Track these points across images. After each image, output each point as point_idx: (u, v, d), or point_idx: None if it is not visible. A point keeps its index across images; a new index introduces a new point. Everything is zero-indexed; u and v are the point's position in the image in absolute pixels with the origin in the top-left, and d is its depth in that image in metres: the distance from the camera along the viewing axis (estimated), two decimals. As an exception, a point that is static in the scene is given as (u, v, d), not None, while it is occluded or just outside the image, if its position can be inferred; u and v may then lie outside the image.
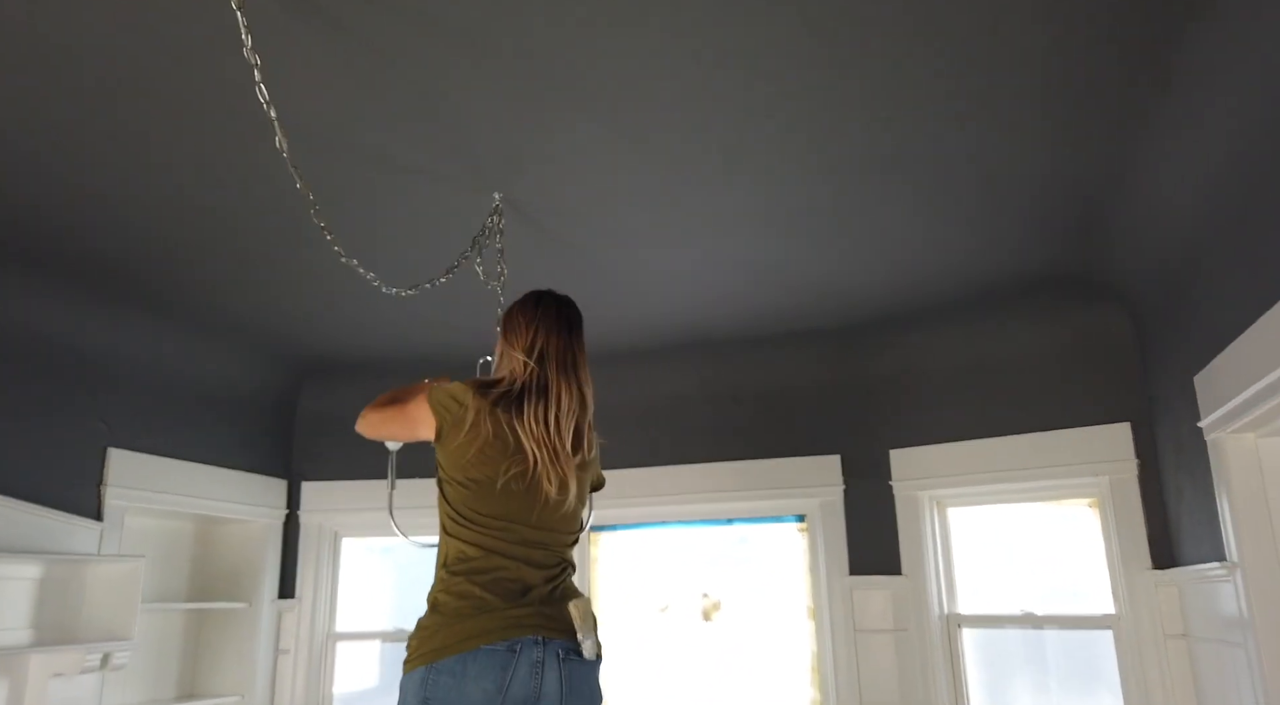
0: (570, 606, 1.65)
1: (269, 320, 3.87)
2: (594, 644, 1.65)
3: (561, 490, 1.68)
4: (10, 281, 3.08)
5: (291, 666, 4.30)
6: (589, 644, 1.64)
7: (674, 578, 4.37)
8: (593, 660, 1.67)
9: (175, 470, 3.78)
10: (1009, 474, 3.69)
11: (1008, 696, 3.67)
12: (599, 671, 1.70)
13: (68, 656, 2.98)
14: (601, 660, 1.71)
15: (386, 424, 1.83)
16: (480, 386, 1.72)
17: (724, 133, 2.32)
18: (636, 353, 4.31)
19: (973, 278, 3.46)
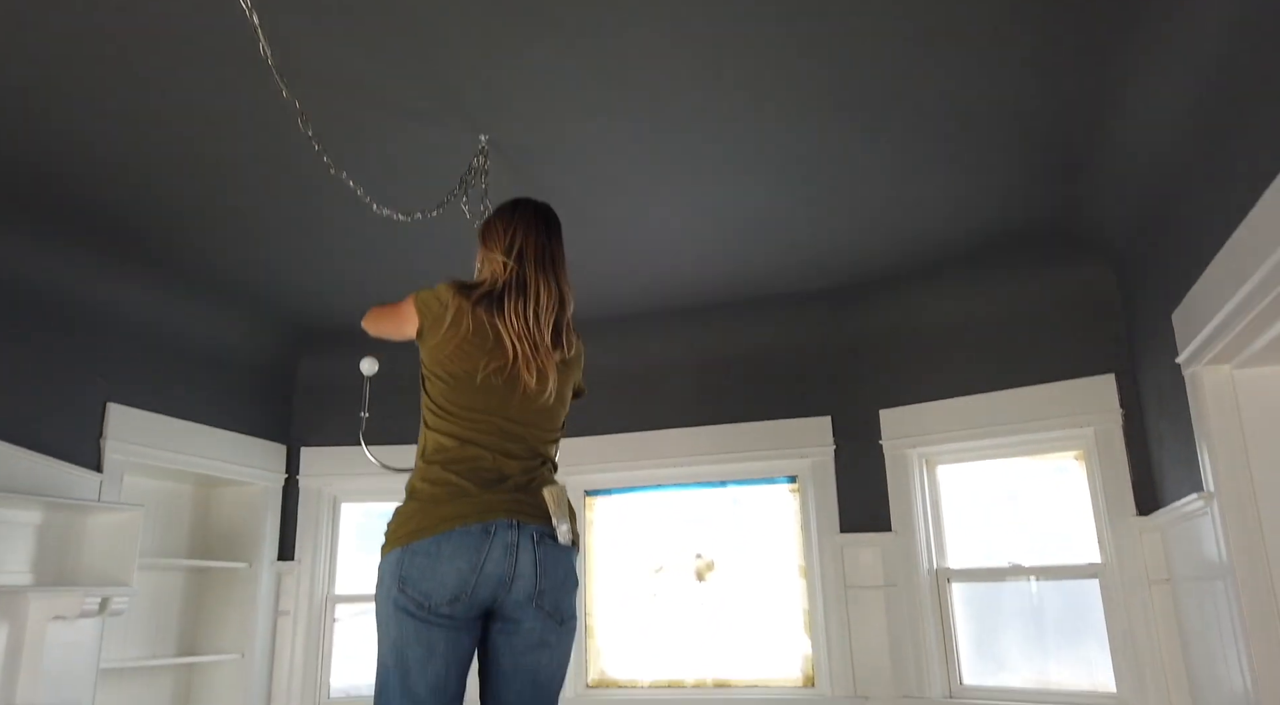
0: (545, 492, 1.69)
1: (270, 285, 3.94)
2: (569, 530, 1.69)
3: (541, 382, 1.71)
4: (13, 234, 3.15)
5: (291, 627, 4.36)
6: (563, 529, 1.68)
7: (668, 540, 4.41)
8: (567, 545, 1.71)
9: (175, 429, 3.85)
10: (996, 429, 3.72)
11: (996, 649, 3.71)
12: (574, 557, 1.73)
13: (67, 599, 3.04)
14: (577, 548, 1.75)
15: (381, 320, 1.90)
16: (462, 286, 1.77)
17: (701, 72, 2.37)
18: (627, 317, 4.36)
19: (957, 233, 3.50)
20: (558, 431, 1.81)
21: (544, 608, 1.65)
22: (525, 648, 1.66)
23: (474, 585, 1.59)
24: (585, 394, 1.96)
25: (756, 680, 4.10)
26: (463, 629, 1.62)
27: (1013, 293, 3.76)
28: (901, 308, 4.05)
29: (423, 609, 1.58)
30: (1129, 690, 3.26)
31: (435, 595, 1.58)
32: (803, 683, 4.03)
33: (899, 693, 3.76)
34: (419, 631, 1.58)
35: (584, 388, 1.95)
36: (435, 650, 1.59)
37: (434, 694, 1.59)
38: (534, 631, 1.66)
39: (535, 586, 1.64)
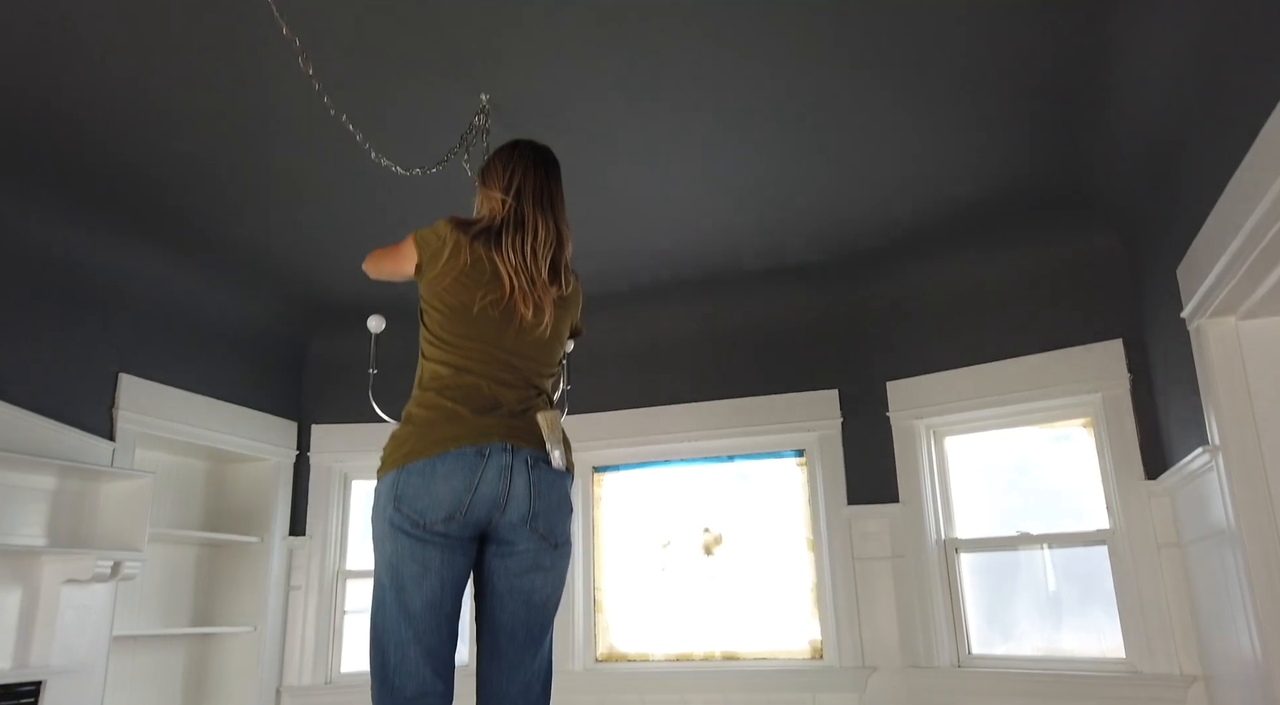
0: (539, 417, 1.71)
1: (282, 264, 3.98)
2: (562, 455, 1.71)
3: (537, 315, 1.73)
4: (29, 202, 3.20)
5: (303, 601, 4.40)
6: (557, 454, 1.69)
7: (676, 514, 4.42)
8: (561, 470, 1.72)
9: (186, 401, 3.89)
10: (1004, 398, 3.70)
11: (1005, 618, 3.69)
12: (568, 483, 1.75)
13: (79, 562, 3.09)
14: (571, 475, 1.77)
15: (381, 260, 1.93)
16: (460, 222, 1.79)
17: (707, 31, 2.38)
18: (632, 292, 4.37)
19: (962, 200, 3.49)
20: (554, 367, 1.83)
21: (538, 530, 1.67)
22: (520, 570, 1.67)
23: (468, 505, 1.61)
24: (582, 333, 1.98)
25: (765, 652, 4.09)
26: (457, 549, 1.64)
27: (1018, 260, 3.75)
28: (907, 278, 4.04)
29: (418, 527, 1.60)
30: (1138, 655, 3.24)
31: (430, 513, 1.60)
32: (811, 654, 4.02)
33: (907, 663, 3.75)
34: (414, 549, 1.60)
35: (581, 328, 1.97)
36: (430, 567, 1.60)
37: (429, 610, 1.61)
38: (528, 554, 1.67)
39: (529, 509, 1.65)
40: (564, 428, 1.78)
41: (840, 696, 3.85)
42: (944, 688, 3.64)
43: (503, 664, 1.68)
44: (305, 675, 4.31)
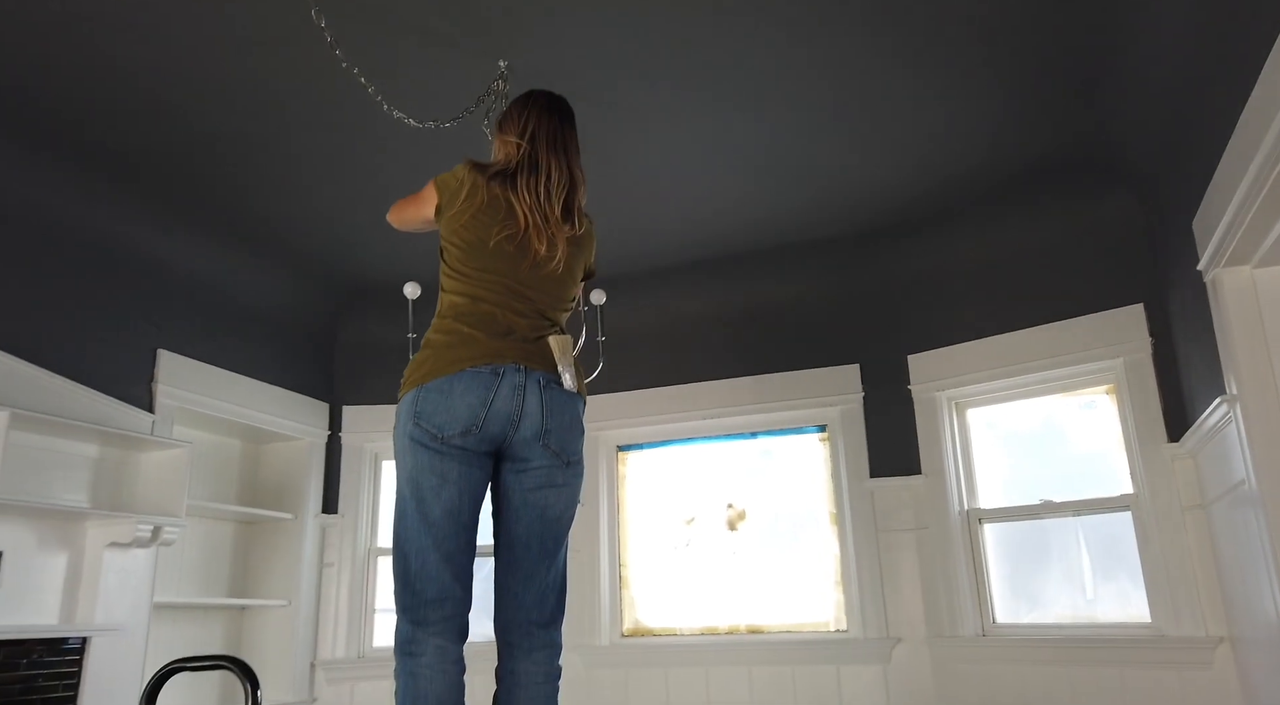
0: (550, 340, 1.78)
1: (314, 247, 4.11)
2: (573, 378, 1.78)
3: (550, 250, 1.81)
4: (72, 183, 3.34)
5: (336, 578, 4.50)
6: (568, 376, 1.77)
7: (700, 491, 4.46)
8: (572, 392, 1.79)
9: (222, 379, 4.02)
10: (1025, 367, 3.70)
11: (1030, 586, 3.67)
12: (579, 406, 1.81)
13: (121, 526, 3.21)
14: (583, 400, 1.83)
15: (404, 208, 2.01)
16: (477, 165, 1.88)
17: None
18: (653, 273, 4.43)
19: (980, 169, 3.51)
20: (567, 302, 1.89)
21: (550, 447, 1.74)
22: (534, 485, 1.75)
23: (484, 420, 1.68)
24: (595, 275, 2.04)
25: (789, 625, 4.12)
26: (474, 463, 1.71)
27: (1037, 228, 3.75)
28: (926, 250, 4.06)
29: (436, 440, 1.68)
30: (1164, 619, 3.22)
31: (448, 427, 1.67)
32: (835, 627, 4.03)
33: (931, 633, 3.75)
34: (433, 461, 1.68)
35: (594, 269, 2.03)
36: (448, 478, 1.68)
37: (447, 518, 1.68)
38: (542, 470, 1.74)
39: (542, 426, 1.72)
40: (575, 356, 1.84)
41: (865, 668, 3.86)
42: (969, 657, 3.64)
43: (519, 574, 1.75)
44: (339, 649, 4.41)
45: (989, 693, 3.56)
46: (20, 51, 2.63)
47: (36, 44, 2.60)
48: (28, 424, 3.01)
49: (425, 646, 1.65)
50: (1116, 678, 3.27)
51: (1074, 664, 3.37)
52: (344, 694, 4.37)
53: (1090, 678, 3.33)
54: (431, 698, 1.62)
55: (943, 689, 3.68)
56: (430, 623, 1.67)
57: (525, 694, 1.72)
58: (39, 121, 3.00)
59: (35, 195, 3.30)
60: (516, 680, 1.73)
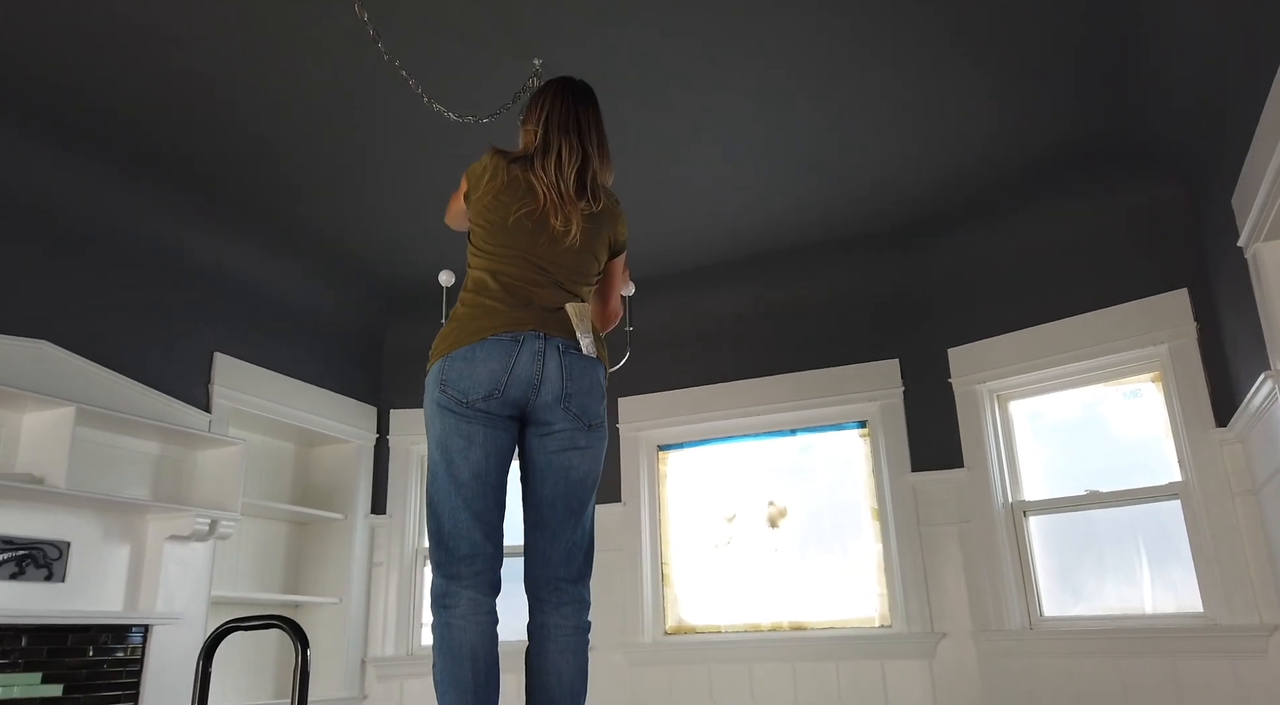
0: (568, 307, 1.85)
1: (362, 251, 4.26)
2: (592, 342, 1.84)
3: (566, 225, 1.88)
4: (130, 191, 3.52)
5: (385, 577, 4.61)
6: (586, 341, 1.83)
7: (740, 488, 4.48)
8: (591, 357, 1.85)
9: (275, 382, 4.17)
10: (1068, 357, 3.67)
11: (1077, 579, 3.62)
12: (600, 371, 1.87)
13: (181, 519, 3.34)
14: (604, 366, 1.89)
15: (451, 206, 2.13)
16: (500, 151, 1.98)
17: None
18: (688, 273, 4.49)
19: (1018, 157, 3.50)
20: (587, 276, 1.95)
21: (572, 410, 1.80)
22: (557, 448, 1.81)
23: (505, 384, 1.76)
24: (624, 250, 2.08)
25: (832, 621, 4.10)
26: (499, 426, 1.79)
27: (1077, 216, 3.72)
28: (964, 242, 4.05)
29: (461, 405, 1.76)
30: (1216, 607, 3.15)
31: (472, 392, 1.76)
32: (879, 622, 4.01)
33: (977, 628, 3.71)
34: (459, 426, 1.76)
35: (623, 245, 2.07)
36: (475, 440, 1.76)
37: (475, 479, 1.76)
38: (564, 433, 1.81)
39: (562, 390, 1.79)
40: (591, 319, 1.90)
41: (910, 663, 3.83)
42: (1016, 651, 3.59)
43: (546, 532, 1.82)
44: (388, 647, 4.50)
45: (1036, 686, 3.50)
46: (79, 61, 2.80)
47: (94, 54, 2.76)
48: (93, 420, 3.16)
49: (459, 599, 1.73)
50: (1169, 669, 3.21)
51: (1124, 656, 3.31)
52: (393, 690, 4.45)
53: (1141, 670, 3.27)
54: (465, 646, 1.69)
55: (989, 683, 3.63)
56: (463, 577, 1.74)
57: (555, 645, 1.77)
58: (100, 129, 3.17)
59: (97, 202, 3.48)
60: (547, 633, 1.79)
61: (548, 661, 1.76)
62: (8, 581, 2.91)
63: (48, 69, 2.82)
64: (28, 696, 2.82)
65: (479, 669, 1.68)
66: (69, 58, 2.77)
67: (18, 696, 2.79)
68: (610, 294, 2.12)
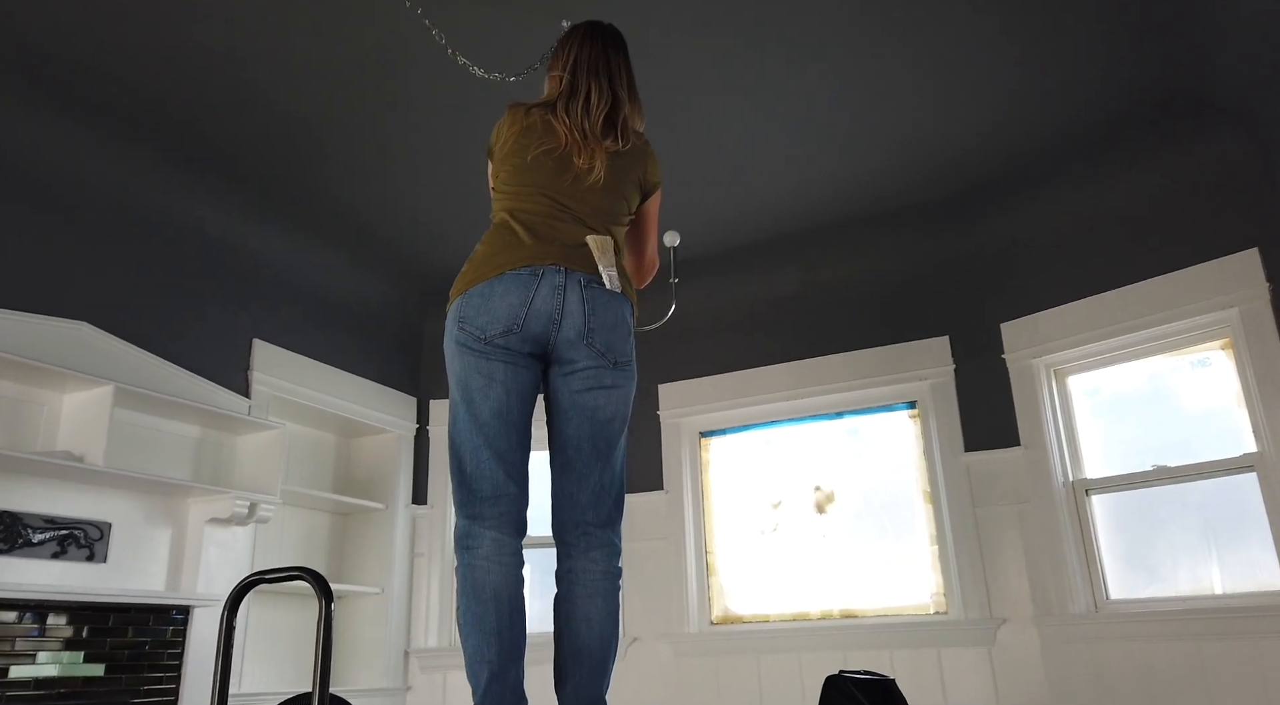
0: (589, 239, 1.76)
1: (401, 241, 4.25)
2: (615, 276, 1.75)
3: (590, 163, 1.80)
4: (172, 177, 3.54)
5: (427, 568, 4.57)
6: (610, 275, 1.74)
7: (786, 474, 4.35)
8: (615, 292, 1.76)
9: (313, 369, 4.16)
10: (1131, 326, 3.49)
11: (1145, 559, 3.43)
12: (625, 307, 1.78)
13: (221, 502, 3.33)
14: (630, 303, 1.80)
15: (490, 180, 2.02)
16: (519, 103, 1.91)
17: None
18: (728, 254, 4.38)
19: (1073, 118, 3.35)
20: (616, 220, 1.86)
21: (595, 347, 1.71)
22: (582, 387, 1.72)
23: (524, 318, 1.68)
24: (656, 191, 1.97)
25: (885, 609, 3.95)
26: (520, 363, 1.70)
27: (1137, 177, 3.55)
28: (1017, 211, 3.89)
29: (479, 341, 1.69)
30: (1300, 585, 2.94)
31: (490, 328, 1.68)
32: (934, 609, 3.85)
33: (1039, 612, 3.53)
34: (478, 363, 1.69)
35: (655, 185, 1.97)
36: (495, 378, 1.68)
37: (496, 417, 1.68)
38: (589, 371, 1.72)
39: (584, 324, 1.70)
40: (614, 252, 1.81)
41: (968, 651, 3.66)
42: (1081, 636, 3.41)
43: (573, 475, 1.73)
44: (430, 638, 4.46)
45: (1105, 672, 3.32)
46: (120, 44, 2.81)
47: (128, 33, 2.77)
48: (132, 401, 3.17)
49: (482, 539, 1.65)
50: (1250, 651, 3.00)
51: (1201, 638, 3.12)
52: (436, 682, 4.40)
53: (1221, 652, 3.07)
54: (488, 587, 1.61)
55: (1053, 670, 3.45)
56: (486, 518, 1.66)
57: (583, 590, 1.69)
58: (139, 112, 3.19)
59: (138, 187, 3.51)
60: (575, 578, 1.70)
61: (576, 607, 1.67)
62: (49, 561, 2.92)
63: (86, 53, 2.84)
64: (69, 675, 2.82)
65: (503, 611, 1.60)
66: (102, 38, 2.79)
67: (59, 675, 2.79)
68: (645, 242, 2.02)
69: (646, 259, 2.04)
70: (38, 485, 2.93)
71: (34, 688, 2.72)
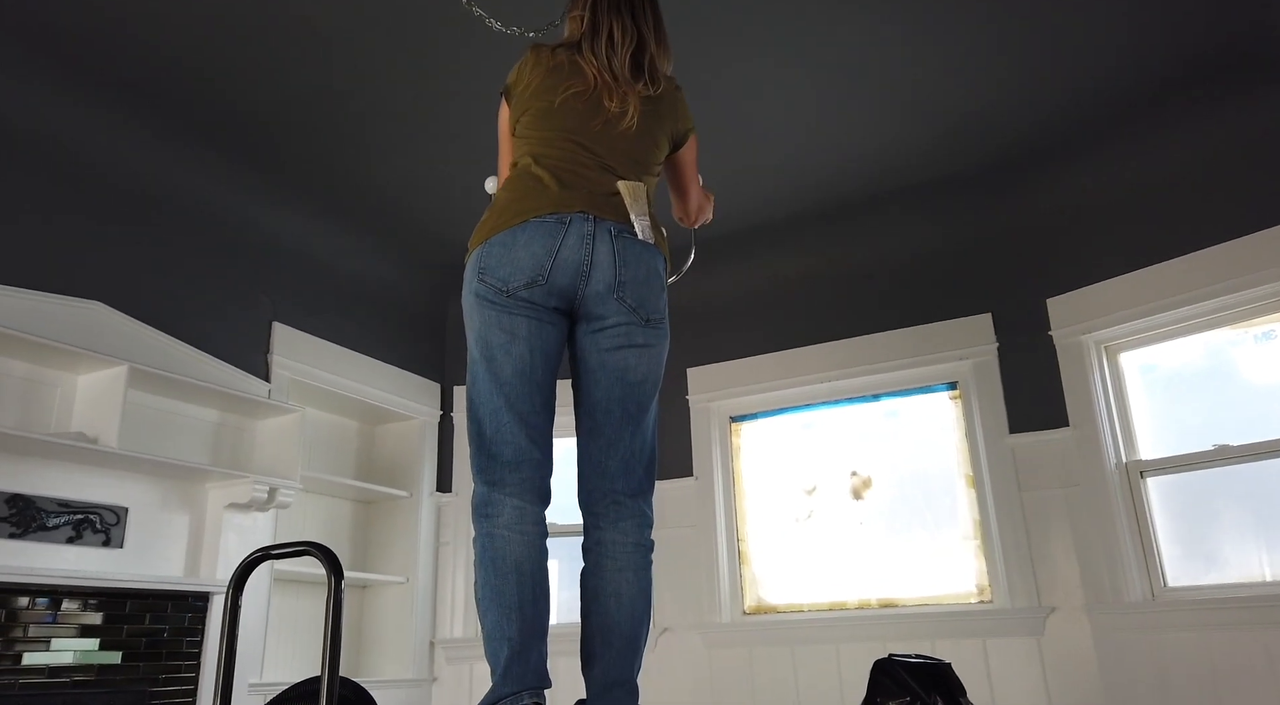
0: (620, 185, 1.63)
1: (424, 225, 4.14)
2: (648, 225, 1.61)
3: (623, 106, 1.67)
4: (190, 156, 3.46)
5: (452, 557, 4.47)
6: (643, 224, 1.60)
7: (821, 460, 4.20)
8: (648, 243, 1.62)
9: (335, 353, 4.07)
10: (1188, 297, 3.30)
11: (1206, 544, 3.24)
12: (658, 261, 1.65)
13: (239, 487, 3.25)
14: (664, 257, 1.66)
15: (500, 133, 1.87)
16: (539, 45, 1.78)
17: None
18: (757, 230, 4.23)
19: (1123, 75, 3.16)
20: (647, 167, 1.73)
21: (626, 302, 1.58)
22: (611, 345, 1.59)
23: (550, 270, 1.55)
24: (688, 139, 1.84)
25: (926, 598, 3.79)
26: (544, 318, 1.58)
27: (1194, 140, 3.35)
28: (1063, 179, 3.70)
29: (501, 294, 1.56)
30: (1380, 570, 2.75)
31: (513, 279, 1.55)
32: (978, 597, 3.68)
33: (1091, 600, 3.35)
34: (500, 318, 1.56)
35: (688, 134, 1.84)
36: (517, 334, 1.55)
37: (518, 377, 1.55)
38: (619, 329, 1.59)
39: (615, 277, 1.57)
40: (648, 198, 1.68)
41: (1015, 641, 3.49)
42: (1136, 625, 3.23)
43: (600, 441, 1.61)
44: (457, 628, 4.36)
45: (1163, 662, 3.14)
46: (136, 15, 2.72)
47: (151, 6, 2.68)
48: (150, 383, 3.09)
49: (502, 507, 1.52)
50: (1323, 640, 2.81)
51: (1266, 626, 2.93)
52: (463, 674, 4.30)
53: (1290, 642, 2.88)
54: (509, 558, 1.48)
55: (1107, 660, 3.27)
56: (507, 484, 1.54)
57: (613, 563, 1.55)
58: (158, 88, 3.11)
59: (154, 164, 3.43)
60: (603, 550, 1.57)
61: (605, 581, 1.54)
62: (64, 545, 2.84)
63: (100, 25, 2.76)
64: (85, 663, 2.74)
65: (524, 583, 1.47)
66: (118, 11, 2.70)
67: (74, 663, 2.71)
68: (688, 193, 1.90)
69: (692, 205, 1.93)
70: (51, 468, 2.85)
71: (48, 675, 2.64)
